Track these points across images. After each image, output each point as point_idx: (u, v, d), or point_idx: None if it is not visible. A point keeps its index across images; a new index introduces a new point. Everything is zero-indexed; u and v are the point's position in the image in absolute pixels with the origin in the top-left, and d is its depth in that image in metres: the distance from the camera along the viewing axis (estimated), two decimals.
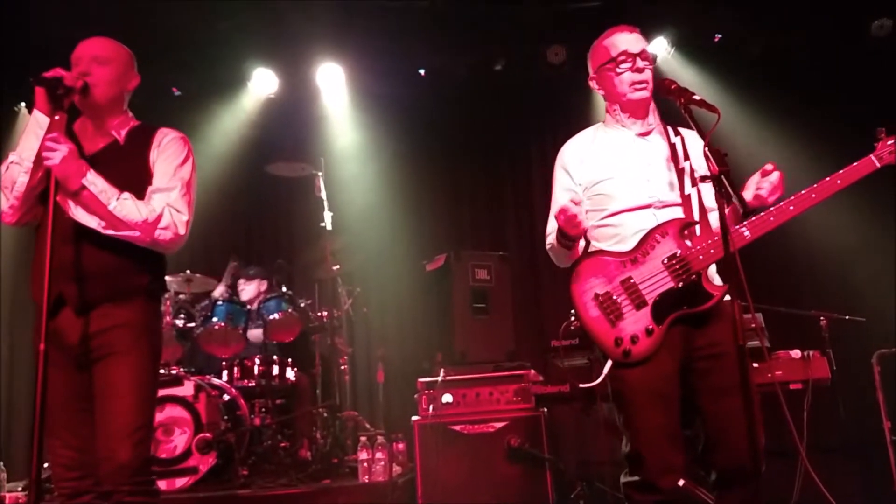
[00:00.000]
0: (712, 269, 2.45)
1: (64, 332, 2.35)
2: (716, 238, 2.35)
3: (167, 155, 2.52)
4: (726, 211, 2.23)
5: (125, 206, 2.36)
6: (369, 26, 6.02)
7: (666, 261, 2.39)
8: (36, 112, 2.36)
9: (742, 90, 6.00)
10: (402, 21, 5.95)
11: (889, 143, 2.41)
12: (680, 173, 2.49)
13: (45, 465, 2.96)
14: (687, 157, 2.51)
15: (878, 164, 2.43)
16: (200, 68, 6.34)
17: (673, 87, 2.43)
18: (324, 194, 5.22)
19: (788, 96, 6.09)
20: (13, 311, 6.38)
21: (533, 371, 4.31)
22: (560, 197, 2.62)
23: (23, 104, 6.45)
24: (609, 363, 2.41)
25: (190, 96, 6.46)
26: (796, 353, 3.79)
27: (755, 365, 3.60)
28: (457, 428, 4.11)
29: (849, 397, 4.44)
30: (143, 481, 2.33)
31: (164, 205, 2.42)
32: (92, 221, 2.38)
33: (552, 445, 4.08)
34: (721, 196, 2.13)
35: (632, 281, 2.41)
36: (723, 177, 2.14)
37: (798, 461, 3.09)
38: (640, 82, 2.53)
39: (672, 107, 2.47)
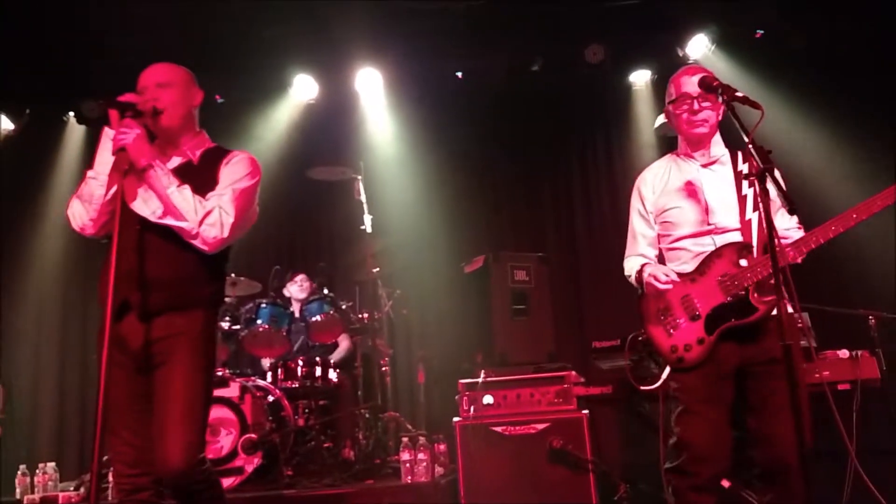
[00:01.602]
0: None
1: (127, 337, 2.48)
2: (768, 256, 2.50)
3: (232, 170, 2.64)
4: None
5: (183, 194, 2.48)
6: (406, 31, 6.06)
7: (719, 278, 2.65)
8: (108, 130, 2.52)
9: (786, 86, 5.89)
10: (439, 24, 5.98)
11: None
12: (742, 199, 2.72)
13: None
14: (752, 184, 2.67)
15: None
16: (243, 76, 6.44)
17: (715, 83, 2.49)
18: (363, 197, 5.27)
19: (834, 92, 5.95)
20: (65, 318, 6.58)
21: (574, 372, 4.28)
22: (636, 223, 2.96)
23: (71, 114, 6.64)
24: (668, 368, 2.75)
25: (232, 103, 6.58)
26: (844, 353, 3.71)
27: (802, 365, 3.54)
28: (498, 429, 4.10)
29: None
30: (198, 481, 2.42)
31: (216, 205, 2.52)
32: (146, 210, 2.50)
33: (595, 447, 4.04)
34: (765, 194, 2.12)
35: (689, 297, 2.70)
36: (766, 174, 2.13)
37: (848, 463, 3.03)
38: (698, 121, 2.76)
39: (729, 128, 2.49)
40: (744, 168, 2.75)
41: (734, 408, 2.67)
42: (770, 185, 2.22)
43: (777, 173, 2.23)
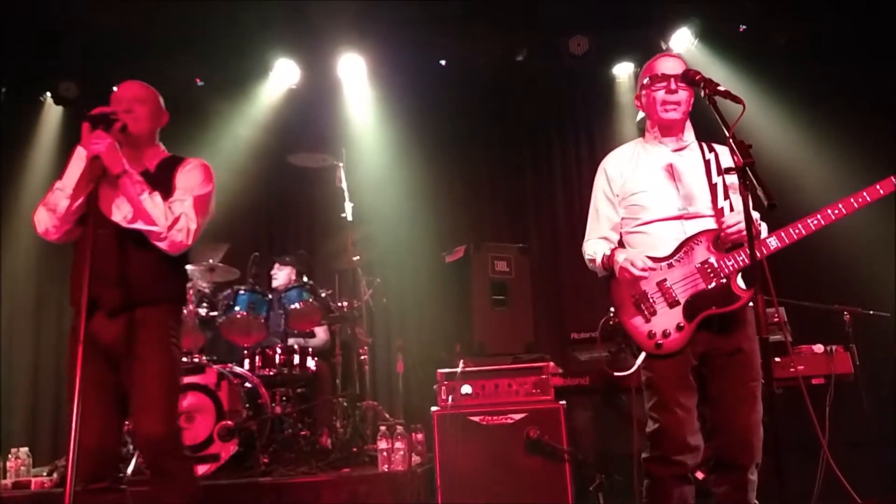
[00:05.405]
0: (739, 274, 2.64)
1: (98, 332, 2.64)
2: (745, 245, 2.51)
3: (187, 177, 2.87)
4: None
5: (155, 201, 2.69)
6: (390, 17, 6.02)
7: (699, 265, 2.63)
8: (80, 148, 2.72)
9: (767, 81, 5.93)
10: (424, 12, 5.94)
11: None
12: (713, 188, 2.70)
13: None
14: (720, 173, 2.71)
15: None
16: (223, 59, 6.36)
17: (698, 77, 2.49)
18: (345, 185, 5.24)
19: (814, 87, 6.01)
20: (38, 302, 6.50)
21: (552, 363, 4.29)
22: (601, 205, 2.88)
23: (48, 94, 6.53)
24: (643, 354, 2.66)
25: (213, 87, 6.49)
26: (819, 348, 3.75)
27: (777, 359, 3.58)
28: (476, 419, 4.10)
29: (872, 392, 4.38)
30: (174, 455, 2.67)
31: (182, 211, 2.75)
32: (118, 215, 2.70)
33: (571, 438, 4.06)
34: (745, 188, 2.13)
35: (667, 283, 2.66)
36: (747, 168, 2.14)
37: (820, 455, 3.07)
38: (671, 103, 2.72)
39: (710, 123, 2.47)
40: (711, 157, 2.75)
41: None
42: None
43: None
